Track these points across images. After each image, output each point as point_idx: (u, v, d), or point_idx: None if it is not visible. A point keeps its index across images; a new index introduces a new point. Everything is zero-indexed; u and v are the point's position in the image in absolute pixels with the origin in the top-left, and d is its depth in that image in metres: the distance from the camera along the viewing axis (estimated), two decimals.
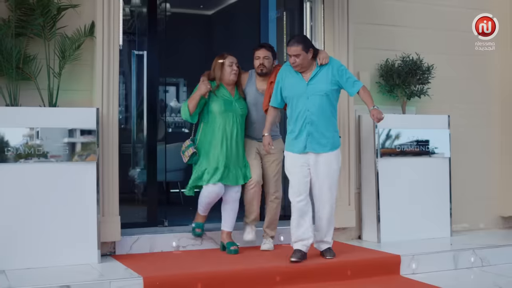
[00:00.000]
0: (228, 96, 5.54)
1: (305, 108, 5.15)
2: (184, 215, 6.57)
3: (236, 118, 5.52)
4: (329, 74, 5.20)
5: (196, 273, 4.76)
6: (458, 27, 7.07)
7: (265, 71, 5.60)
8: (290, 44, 5.17)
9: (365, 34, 6.54)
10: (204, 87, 5.39)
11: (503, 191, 7.19)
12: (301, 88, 5.19)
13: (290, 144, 5.27)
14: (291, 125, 5.26)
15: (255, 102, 5.63)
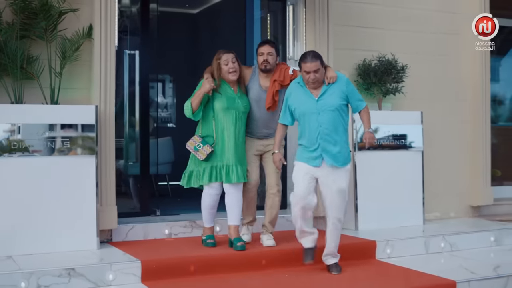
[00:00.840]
0: (231, 93, 5.49)
1: (318, 124, 5.14)
2: (173, 206, 7.00)
3: (238, 115, 5.49)
4: (339, 89, 5.20)
5: (188, 256, 5.19)
6: (430, 29, 7.53)
7: (268, 67, 5.55)
8: (307, 60, 5.09)
9: (344, 36, 6.95)
10: (208, 85, 5.33)
11: (472, 183, 7.67)
12: (312, 105, 5.16)
13: (302, 155, 5.24)
14: (304, 140, 5.24)
15: (258, 99, 5.61)
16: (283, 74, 5.52)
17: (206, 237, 5.58)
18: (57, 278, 4.62)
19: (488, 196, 7.66)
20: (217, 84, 5.41)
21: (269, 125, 5.66)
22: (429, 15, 7.56)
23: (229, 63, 5.43)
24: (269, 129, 5.67)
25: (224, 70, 5.44)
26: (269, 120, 5.63)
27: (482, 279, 5.18)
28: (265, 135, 5.69)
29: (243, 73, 5.65)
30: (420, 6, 7.52)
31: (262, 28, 7.69)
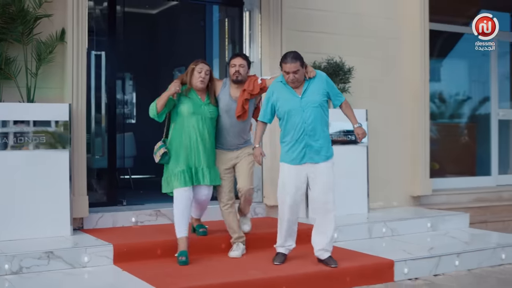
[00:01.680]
0: (197, 100, 5.66)
1: (302, 120, 5.32)
2: (136, 198, 7.50)
3: (204, 120, 5.64)
4: (320, 86, 5.41)
5: (155, 241, 5.74)
6: (374, 34, 8.19)
7: (240, 78, 5.72)
8: (287, 61, 5.29)
9: (296, 39, 7.51)
10: (173, 88, 5.48)
11: (413, 175, 8.37)
12: (296, 102, 5.34)
13: (285, 155, 5.43)
14: (287, 137, 5.41)
15: (228, 109, 5.76)
16: (252, 83, 5.72)
17: (179, 253, 5.43)
18: (37, 260, 5.12)
19: (427, 187, 8.37)
20: (186, 88, 5.61)
21: (239, 136, 5.83)
22: (373, 21, 8.21)
23: (202, 73, 5.61)
24: (239, 139, 5.84)
25: (195, 76, 5.61)
26: (240, 130, 5.81)
27: (417, 259, 5.87)
28: (236, 147, 5.85)
29: (214, 85, 5.81)
30: (365, 12, 8.16)
31: (220, 31, 8.22)
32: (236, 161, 5.86)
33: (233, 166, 5.87)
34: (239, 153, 5.85)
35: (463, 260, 6.11)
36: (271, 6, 7.30)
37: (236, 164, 5.86)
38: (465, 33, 10.02)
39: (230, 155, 5.84)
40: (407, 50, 8.40)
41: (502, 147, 10.12)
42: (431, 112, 9.63)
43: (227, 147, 5.84)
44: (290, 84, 5.36)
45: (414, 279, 5.74)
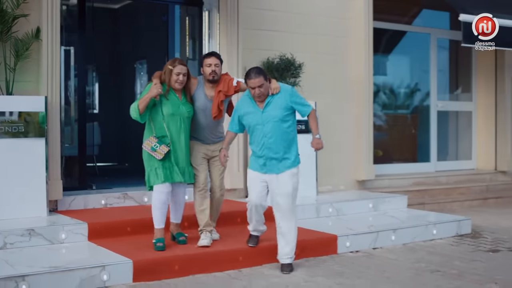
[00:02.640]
0: (176, 100, 5.77)
1: (262, 134, 5.55)
2: (103, 182, 8.10)
3: (182, 120, 5.78)
4: (282, 101, 5.55)
5: (125, 220, 6.39)
6: (323, 32, 8.93)
7: (216, 78, 5.84)
8: (251, 77, 5.45)
9: (252, 37, 8.21)
10: (156, 91, 5.60)
11: (357, 161, 9.17)
12: (257, 116, 5.56)
13: (252, 162, 5.70)
14: (253, 147, 5.68)
15: (204, 108, 5.89)
16: (227, 85, 5.87)
17: (156, 240, 5.71)
18: (20, 237, 5.73)
19: (371, 172, 9.18)
20: (166, 89, 5.72)
21: (215, 132, 6.01)
22: (322, 20, 8.95)
23: (180, 76, 5.72)
24: (215, 135, 6.02)
25: (174, 79, 5.71)
26: (215, 127, 6.00)
27: (358, 234, 6.65)
28: (212, 141, 6.02)
29: (190, 84, 5.91)
30: (315, 12, 8.88)
31: (181, 28, 8.85)
32: (211, 155, 6.02)
33: (208, 159, 6.03)
34: (215, 147, 6.02)
35: (399, 236, 6.92)
36: (229, 7, 7.96)
37: (211, 158, 6.04)
38: (408, 31, 10.88)
39: (207, 147, 6.00)
40: (353, 46, 9.17)
41: (441, 136, 11.02)
42: (377, 103, 10.49)
43: (203, 141, 6.00)
44: (256, 98, 5.54)
45: (355, 251, 6.53)
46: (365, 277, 5.57)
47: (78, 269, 5.05)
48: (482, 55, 11.05)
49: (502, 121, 10.98)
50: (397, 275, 5.63)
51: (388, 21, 10.27)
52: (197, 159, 5.96)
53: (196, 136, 5.98)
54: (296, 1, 8.71)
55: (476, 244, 7.00)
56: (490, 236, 7.46)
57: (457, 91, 11.65)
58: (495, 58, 10.99)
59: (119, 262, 5.25)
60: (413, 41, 11.09)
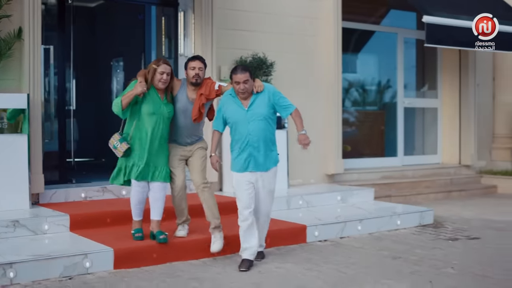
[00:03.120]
0: (157, 99, 5.87)
1: (247, 132, 5.64)
2: (82, 177, 8.38)
3: (162, 120, 5.87)
4: (266, 99, 5.69)
5: (104, 211, 6.71)
6: (293, 32, 9.30)
7: (199, 81, 5.94)
8: (237, 72, 5.61)
9: (226, 37, 8.55)
10: (141, 89, 5.70)
11: (327, 155, 9.56)
12: (242, 115, 5.65)
13: (234, 164, 5.79)
14: (235, 147, 5.76)
15: (185, 109, 5.98)
16: (209, 88, 5.96)
17: (134, 230, 5.98)
18: (5, 228, 6.02)
19: (340, 166, 9.58)
20: (148, 87, 5.81)
21: (192, 134, 6.10)
22: (293, 20, 9.32)
23: (164, 75, 5.82)
24: (192, 138, 6.10)
25: (157, 78, 5.81)
26: (193, 129, 6.09)
27: (326, 224, 7.05)
28: (189, 143, 6.10)
29: (173, 84, 6.03)
30: (286, 12, 9.24)
31: (157, 27, 9.15)
32: (188, 155, 6.11)
33: (185, 159, 6.12)
34: (192, 148, 6.11)
35: (365, 226, 7.33)
36: (203, 7, 8.29)
37: (188, 158, 6.12)
38: (376, 30, 11.31)
39: (183, 148, 6.09)
40: (323, 45, 9.55)
41: (408, 132, 11.48)
42: (348, 99, 10.91)
43: (181, 143, 6.09)
44: (240, 94, 5.65)
45: (324, 240, 6.92)
46: (331, 262, 5.96)
47: (62, 257, 5.37)
48: (447, 54, 11.52)
49: (466, 117, 11.46)
50: (362, 261, 6.03)
51: (357, 21, 10.67)
52: (173, 162, 6.04)
53: (174, 138, 6.06)
54: (268, 2, 9.06)
55: (437, 233, 7.44)
56: (451, 226, 7.90)
57: (423, 88, 12.12)
58: (459, 58, 11.47)
59: (101, 251, 5.58)
60: (381, 40, 11.52)
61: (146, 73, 5.88)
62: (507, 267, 5.88)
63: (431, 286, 5.17)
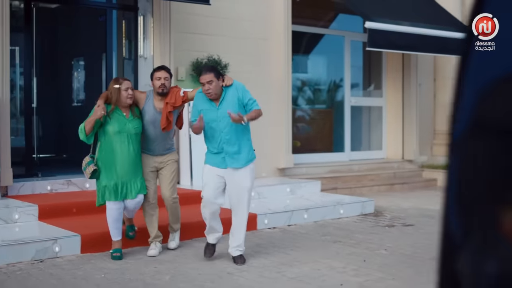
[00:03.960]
0: (122, 118, 5.95)
1: (219, 130, 5.67)
2: (46, 171, 8.88)
3: (130, 137, 5.94)
4: (235, 97, 5.73)
5: (70, 202, 7.26)
6: (247, 35, 9.94)
7: (165, 91, 6.02)
8: (202, 73, 5.69)
9: (183, 40, 9.15)
10: (99, 112, 5.76)
11: (278, 151, 10.24)
12: (213, 113, 5.69)
13: (210, 158, 5.79)
14: (210, 144, 5.79)
15: (153, 120, 6.05)
16: (175, 96, 6.04)
17: (113, 250, 5.97)
18: None
19: (290, 161, 10.27)
20: (111, 109, 5.92)
21: (164, 144, 6.19)
22: (247, 25, 9.96)
23: (129, 90, 5.94)
24: (164, 148, 6.20)
25: (123, 95, 5.91)
26: (164, 139, 6.16)
27: (275, 213, 7.73)
28: (161, 153, 6.20)
29: (137, 97, 6.12)
30: (240, 17, 9.88)
31: (118, 29, 9.68)
32: (160, 166, 6.20)
33: (157, 170, 6.22)
34: (164, 158, 6.21)
35: (311, 214, 8.03)
36: (162, 12, 8.87)
37: (160, 169, 6.22)
38: (325, 33, 12.03)
39: (155, 159, 6.17)
40: (274, 48, 10.23)
41: (355, 129, 12.25)
42: (301, 98, 11.60)
43: (153, 153, 6.18)
44: (206, 94, 5.69)
45: (273, 228, 7.59)
46: (278, 246, 6.63)
47: (34, 242, 5.92)
48: (391, 56, 12.33)
49: (409, 115, 12.29)
50: (305, 245, 6.71)
51: (307, 25, 11.38)
52: (145, 173, 6.11)
53: (145, 148, 6.14)
54: (223, 7, 9.67)
55: (376, 221, 8.19)
56: (390, 214, 8.67)
57: (369, 88, 12.92)
58: (402, 60, 12.29)
59: (69, 236, 6.15)
60: (330, 42, 12.26)
61: (107, 95, 5.95)
62: (434, 248, 6.62)
63: (364, 263, 5.88)
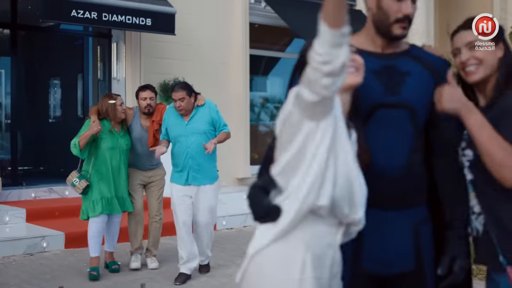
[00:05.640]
0: (115, 133, 6.03)
1: (186, 145, 5.69)
2: (27, 181, 9.89)
3: (122, 152, 6.03)
4: (207, 115, 5.80)
5: (53, 207, 8.35)
6: (210, 59, 11.07)
7: (151, 110, 6.13)
8: (175, 90, 5.76)
9: (152, 64, 10.21)
10: (96, 128, 5.76)
11: (237, 162, 11.37)
12: (182, 128, 5.73)
13: (174, 176, 5.82)
14: (175, 160, 5.80)
15: (140, 138, 6.15)
16: (160, 114, 6.12)
17: (91, 268, 5.94)
18: None
19: (248, 171, 11.40)
20: (112, 125, 6.01)
21: (151, 158, 6.20)
22: (209, 50, 11.07)
23: (123, 105, 6.13)
24: (151, 162, 6.28)
25: (119, 110, 6.01)
26: (152, 155, 6.11)
27: (232, 215, 8.91)
28: (149, 168, 6.31)
29: (126, 114, 6.20)
30: (202, 42, 10.95)
31: (93, 53, 10.76)
32: (148, 181, 6.32)
33: (144, 184, 6.33)
34: (152, 173, 6.33)
35: None
36: (133, 39, 9.99)
37: (147, 184, 6.34)
38: (281, 57, 13.26)
39: (143, 174, 6.30)
40: (234, 70, 11.39)
41: None
42: (261, 114, 12.76)
43: (141, 168, 6.29)
44: (178, 110, 5.75)
45: (230, 228, 8.74)
46: (233, 243, 7.76)
47: (25, 239, 7.03)
48: None
49: None
50: None
51: (264, 49, 12.57)
52: (133, 185, 6.21)
53: (133, 163, 6.23)
54: (187, 35, 10.75)
55: None
56: None
57: None
58: None
59: (55, 234, 7.25)
60: (287, 65, 13.45)
61: (98, 111, 5.97)
62: None
63: None
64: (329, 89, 1.98)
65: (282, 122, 2.18)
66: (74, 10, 8.18)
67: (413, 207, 2.48)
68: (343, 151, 2.13)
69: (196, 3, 10.90)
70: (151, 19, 9.03)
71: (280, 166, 2.16)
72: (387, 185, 2.38)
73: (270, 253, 2.16)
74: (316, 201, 2.09)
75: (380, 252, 2.44)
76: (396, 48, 2.55)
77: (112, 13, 8.58)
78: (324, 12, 1.91)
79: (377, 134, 2.39)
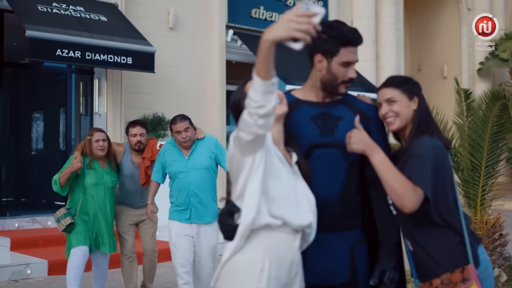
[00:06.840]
0: (99, 170, 5.77)
1: (187, 182, 5.32)
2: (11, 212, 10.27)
3: (106, 189, 5.76)
4: (207, 149, 5.43)
5: (36, 236, 8.76)
6: (189, 95, 11.60)
7: (142, 147, 5.89)
8: (177, 122, 5.40)
9: (132, 99, 10.73)
10: (76, 165, 5.52)
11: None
12: (182, 164, 5.39)
13: (174, 214, 5.42)
14: (175, 197, 5.42)
15: (131, 175, 5.92)
16: (151, 150, 5.90)
17: None
18: None
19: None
20: (88, 161, 5.71)
21: (143, 195, 6.02)
22: (188, 85, 11.61)
23: (100, 141, 5.73)
24: (143, 200, 6.02)
25: (94, 146, 5.72)
26: (143, 191, 6.00)
27: None
28: (140, 206, 6.05)
29: (115, 150, 5.95)
30: (181, 79, 11.52)
31: (76, 89, 11.22)
32: (140, 219, 6.09)
33: (136, 223, 6.11)
34: (144, 211, 6.01)
35: None
36: (114, 76, 10.48)
37: (140, 222, 6.12)
38: None
39: (134, 212, 6.06)
40: (211, 105, 11.92)
41: None
42: None
43: (132, 206, 6.06)
44: (182, 144, 5.40)
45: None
46: None
47: (10, 266, 7.42)
48: None
49: None
50: None
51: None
52: (124, 226, 6.00)
53: (124, 201, 6.02)
54: (166, 72, 11.28)
55: None
56: None
57: None
58: None
59: (38, 262, 7.64)
60: None
61: (83, 147, 5.80)
62: None
63: None
64: (264, 127, 2.47)
65: (229, 163, 2.67)
66: (59, 50, 8.65)
67: (349, 230, 2.99)
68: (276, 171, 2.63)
69: (175, 43, 11.46)
70: (132, 58, 9.51)
71: (235, 193, 2.65)
72: (325, 211, 2.87)
73: (235, 260, 2.64)
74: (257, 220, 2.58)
75: (320, 267, 2.93)
76: (333, 98, 3.04)
77: (95, 52, 9.06)
78: (257, 68, 2.42)
79: (315, 169, 2.89)
